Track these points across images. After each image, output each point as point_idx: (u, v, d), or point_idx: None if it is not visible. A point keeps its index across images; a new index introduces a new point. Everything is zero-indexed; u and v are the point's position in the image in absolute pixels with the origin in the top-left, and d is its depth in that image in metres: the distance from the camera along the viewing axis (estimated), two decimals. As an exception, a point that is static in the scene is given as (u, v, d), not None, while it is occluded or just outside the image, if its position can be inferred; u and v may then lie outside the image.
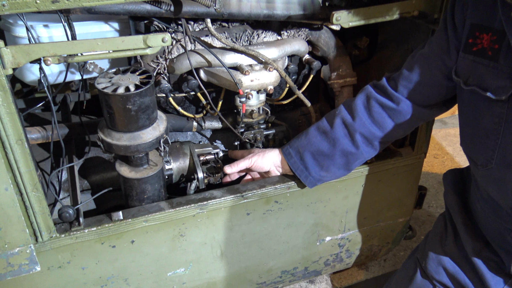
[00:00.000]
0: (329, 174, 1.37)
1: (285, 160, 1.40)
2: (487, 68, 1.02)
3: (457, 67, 1.11)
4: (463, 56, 1.08)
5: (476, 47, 1.04)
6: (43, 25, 1.30)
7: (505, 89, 0.98)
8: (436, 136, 2.96)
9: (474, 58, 1.05)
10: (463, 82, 1.09)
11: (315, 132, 1.35)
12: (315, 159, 1.34)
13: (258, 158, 1.42)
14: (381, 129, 1.29)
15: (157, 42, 1.11)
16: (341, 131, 1.31)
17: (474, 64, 1.05)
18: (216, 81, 1.45)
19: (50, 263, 1.23)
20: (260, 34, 1.48)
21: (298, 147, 1.36)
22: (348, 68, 1.59)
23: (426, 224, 2.26)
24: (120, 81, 1.16)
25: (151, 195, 1.33)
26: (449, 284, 1.27)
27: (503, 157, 1.03)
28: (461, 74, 1.09)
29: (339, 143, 1.31)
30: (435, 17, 1.33)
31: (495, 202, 1.10)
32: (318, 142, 1.33)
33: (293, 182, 1.41)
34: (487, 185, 1.12)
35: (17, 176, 1.07)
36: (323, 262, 1.72)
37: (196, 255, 1.42)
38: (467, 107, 1.11)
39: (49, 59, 1.03)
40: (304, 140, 1.36)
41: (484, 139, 1.06)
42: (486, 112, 1.04)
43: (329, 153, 1.32)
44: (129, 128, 1.18)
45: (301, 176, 1.37)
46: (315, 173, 1.36)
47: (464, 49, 1.07)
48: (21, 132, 1.03)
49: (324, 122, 1.35)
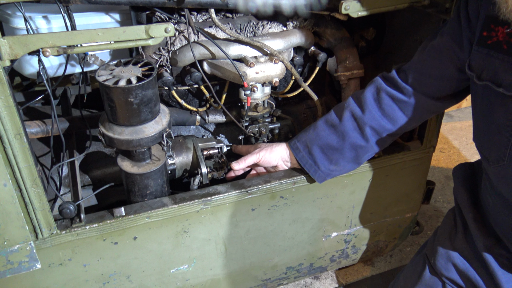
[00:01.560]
0: (338, 168, 1.34)
1: (293, 155, 1.36)
2: (501, 63, 0.98)
3: (470, 61, 1.07)
4: (477, 50, 1.04)
5: (491, 40, 1.00)
6: (42, 16, 1.26)
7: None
8: (442, 130, 2.92)
9: (489, 51, 1.01)
10: (476, 76, 1.05)
11: (323, 126, 1.32)
12: (324, 153, 1.31)
13: (266, 153, 1.39)
14: (392, 122, 1.26)
15: (159, 32, 1.07)
16: (350, 124, 1.27)
17: (489, 58, 1.01)
18: (220, 73, 1.41)
19: (51, 260, 1.21)
20: (265, 25, 1.44)
21: (306, 141, 1.33)
22: (355, 60, 1.55)
23: (433, 219, 2.23)
24: (121, 73, 1.12)
25: (153, 190, 1.30)
26: (459, 280, 1.24)
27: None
28: (474, 68, 1.06)
29: (348, 137, 1.28)
30: (446, 6, 1.29)
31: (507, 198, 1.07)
32: (327, 135, 1.30)
33: (299, 177, 1.38)
34: (498, 181, 1.09)
35: (16, 171, 1.04)
36: (329, 258, 1.69)
37: (200, 252, 1.40)
38: (480, 102, 1.08)
39: (48, 50, 1.00)
40: (312, 133, 1.33)
41: (497, 135, 1.03)
42: (499, 108, 1.01)
43: (338, 146, 1.29)
44: (131, 121, 1.15)
45: (310, 171, 1.34)
46: (324, 167, 1.33)
47: (478, 42, 1.04)
48: (20, 126, 1.00)
49: (333, 115, 1.31)
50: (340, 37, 1.52)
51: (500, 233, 1.16)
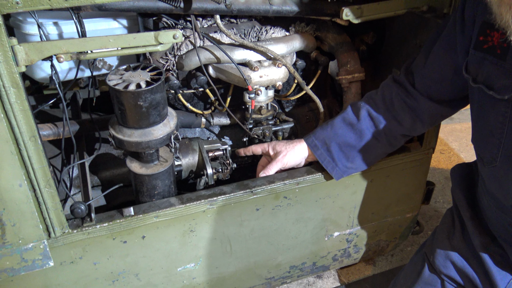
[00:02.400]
0: (354, 166, 1.38)
1: (311, 152, 1.40)
2: (494, 66, 1.02)
3: (467, 64, 1.11)
4: (473, 53, 1.08)
5: (487, 45, 1.04)
6: (52, 22, 1.30)
7: (509, 89, 0.98)
8: (442, 131, 2.95)
9: (484, 55, 1.05)
10: (472, 79, 1.09)
11: (341, 124, 1.36)
12: (342, 151, 1.35)
13: (291, 157, 1.42)
14: (404, 123, 1.31)
15: (168, 39, 1.11)
16: (367, 123, 1.33)
17: (484, 62, 1.05)
18: (225, 77, 1.46)
19: (63, 258, 1.25)
20: (268, 30, 1.48)
21: (325, 138, 1.37)
22: (356, 63, 1.59)
23: (433, 219, 2.26)
24: (131, 78, 1.16)
25: (161, 191, 1.34)
26: (457, 278, 1.27)
27: (507, 155, 1.04)
28: (471, 71, 1.10)
29: (365, 135, 1.33)
30: (444, 12, 1.33)
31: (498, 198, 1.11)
32: (345, 133, 1.35)
33: (301, 178, 1.41)
34: (490, 182, 1.13)
35: (31, 172, 1.08)
36: (331, 257, 1.73)
37: (206, 250, 1.44)
38: (476, 104, 1.12)
39: (62, 56, 1.04)
40: (330, 131, 1.37)
41: (490, 137, 1.07)
42: (491, 111, 1.05)
43: (356, 144, 1.34)
44: (140, 124, 1.19)
45: (328, 167, 1.38)
46: (341, 165, 1.37)
47: (475, 46, 1.08)
48: (34, 129, 1.04)
49: (350, 114, 1.36)
50: (341, 42, 1.56)
51: (494, 232, 1.20)
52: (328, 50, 1.60)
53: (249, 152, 1.52)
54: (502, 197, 1.09)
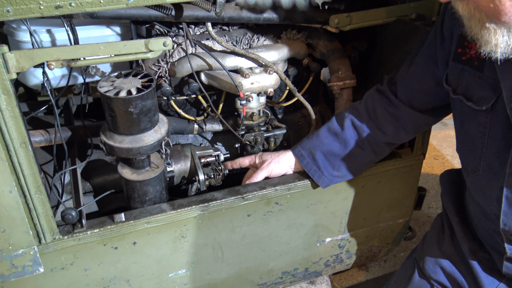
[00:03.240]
0: (341, 174, 1.39)
1: (298, 162, 1.42)
2: (473, 78, 1.04)
3: (448, 75, 1.13)
4: (453, 65, 1.10)
5: (465, 56, 1.07)
6: (45, 29, 1.32)
7: (487, 100, 1.00)
8: (436, 137, 2.97)
9: (463, 67, 1.07)
10: (452, 90, 1.11)
11: (326, 133, 1.38)
12: (327, 159, 1.37)
13: (275, 166, 1.43)
14: (388, 132, 1.33)
15: (158, 46, 1.13)
16: (351, 132, 1.34)
17: (463, 73, 1.08)
18: (216, 84, 1.47)
19: (53, 264, 1.25)
20: (260, 37, 1.50)
21: (310, 148, 1.39)
22: (347, 70, 1.60)
23: (426, 225, 2.27)
24: (122, 85, 1.17)
25: (152, 197, 1.34)
26: (447, 283, 1.28)
27: (488, 165, 1.05)
28: (451, 83, 1.12)
29: (349, 145, 1.34)
30: (433, 19, 1.35)
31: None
32: (330, 143, 1.36)
33: (293, 184, 1.42)
34: (474, 191, 1.15)
35: (21, 178, 1.08)
36: (324, 263, 1.73)
37: (198, 256, 1.44)
38: (458, 115, 1.14)
39: (53, 63, 1.05)
40: (315, 141, 1.38)
41: (472, 147, 1.09)
42: (472, 121, 1.06)
43: (341, 153, 1.35)
44: (131, 130, 1.19)
45: (314, 176, 1.39)
46: (327, 173, 1.38)
47: (454, 58, 1.10)
48: (25, 135, 1.05)
49: (335, 123, 1.38)
50: (332, 49, 1.58)
51: (481, 238, 1.21)
52: (320, 57, 1.61)
53: (236, 165, 1.53)
54: (486, 206, 1.10)
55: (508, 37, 0.85)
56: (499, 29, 0.84)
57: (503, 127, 0.99)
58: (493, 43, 0.86)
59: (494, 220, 1.09)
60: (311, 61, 1.61)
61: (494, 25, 0.84)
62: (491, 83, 0.99)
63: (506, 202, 1.02)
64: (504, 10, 0.80)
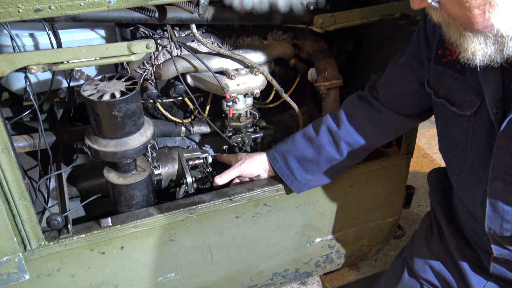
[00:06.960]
0: (315, 178, 1.38)
1: (271, 165, 1.41)
2: (455, 81, 1.04)
3: (429, 78, 1.13)
4: (434, 67, 1.10)
5: (446, 58, 1.06)
6: (28, 33, 1.30)
7: (470, 104, 1.00)
8: (425, 136, 2.99)
9: (444, 69, 1.07)
10: (434, 93, 1.11)
11: (300, 138, 1.37)
12: (300, 164, 1.36)
13: (247, 165, 1.42)
14: (365, 138, 1.31)
15: (141, 48, 1.12)
16: (326, 138, 1.33)
17: (444, 76, 1.07)
18: (202, 86, 1.46)
19: (40, 271, 1.23)
20: (245, 39, 1.49)
21: (284, 152, 1.38)
22: (334, 70, 1.60)
23: (416, 223, 2.28)
24: (105, 88, 1.16)
25: (140, 200, 1.33)
26: (436, 282, 1.28)
27: (472, 167, 1.05)
28: (432, 85, 1.12)
29: (323, 150, 1.33)
30: (417, 18, 1.36)
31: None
32: (303, 148, 1.35)
33: (281, 185, 1.42)
34: (459, 191, 1.15)
35: (4, 184, 1.07)
36: (314, 264, 1.73)
37: (187, 260, 1.43)
38: (440, 117, 1.14)
39: (34, 67, 1.04)
40: (290, 145, 1.38)
41: (456, 149, 1.08)
42: (455, 125, 1.06)
43: (314, 159, 1.34)
44: (116, 134, 1.18)
45: (287, 181, 1.38)
46: (301, 178, 1.37)
47: (435, 60, 1.09)
48: (7, 141, 1.03)
49: (310, 129, 1.37)
50: (318, 49, 1.58)
51: (468, 237, 1.21)
52: (306, 58, 1.61)
53: (220, 159, 1.54)
54: (470, 206, 1.10)
55: (486, 44, 0.84)
56: (476, 37, 0.84)
57: (487, 132, 0.99)
58: (470, 50, 0.85)
59: (480, 221, 1.09)
60: (298, 62, 1.61)
61: (470, 33, 0.84)
62: (475, 87, 0.98)
63: (490, 207, 1.01)
64: (475, 19, 0.80)
